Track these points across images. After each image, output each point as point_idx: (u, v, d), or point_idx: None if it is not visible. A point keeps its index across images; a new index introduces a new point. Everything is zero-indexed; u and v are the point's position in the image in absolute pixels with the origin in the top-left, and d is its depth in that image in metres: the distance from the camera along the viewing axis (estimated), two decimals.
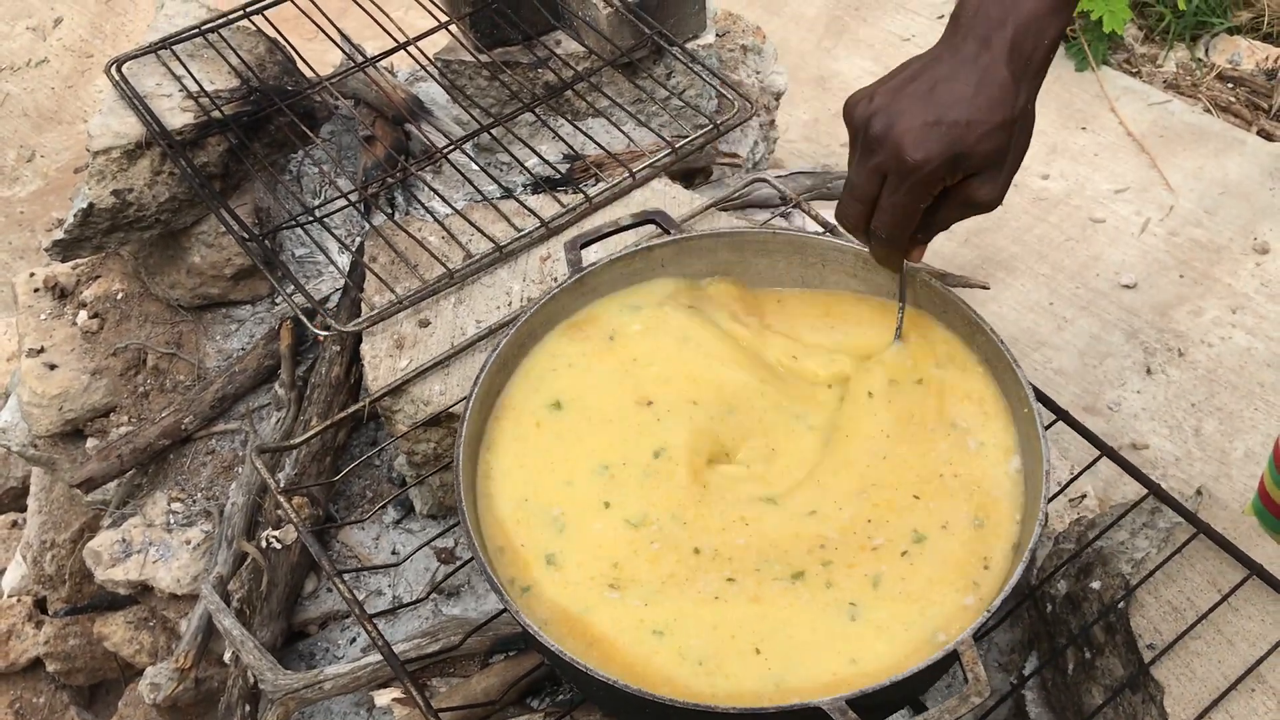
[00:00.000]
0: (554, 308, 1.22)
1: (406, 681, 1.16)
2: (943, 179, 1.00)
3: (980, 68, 0.97)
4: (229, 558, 1.63)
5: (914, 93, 0.99)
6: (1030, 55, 0.98)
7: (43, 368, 1.77)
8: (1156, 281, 2.84)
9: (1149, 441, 2.59)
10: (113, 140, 1.62)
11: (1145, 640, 1.21)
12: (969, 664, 0.96)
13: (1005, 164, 1.01)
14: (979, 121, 0.97)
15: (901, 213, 1.02)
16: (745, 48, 2.19)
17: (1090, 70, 3.28)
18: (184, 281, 1.75)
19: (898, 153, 0.98)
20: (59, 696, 2.20)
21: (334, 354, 1.60)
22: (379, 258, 1.56)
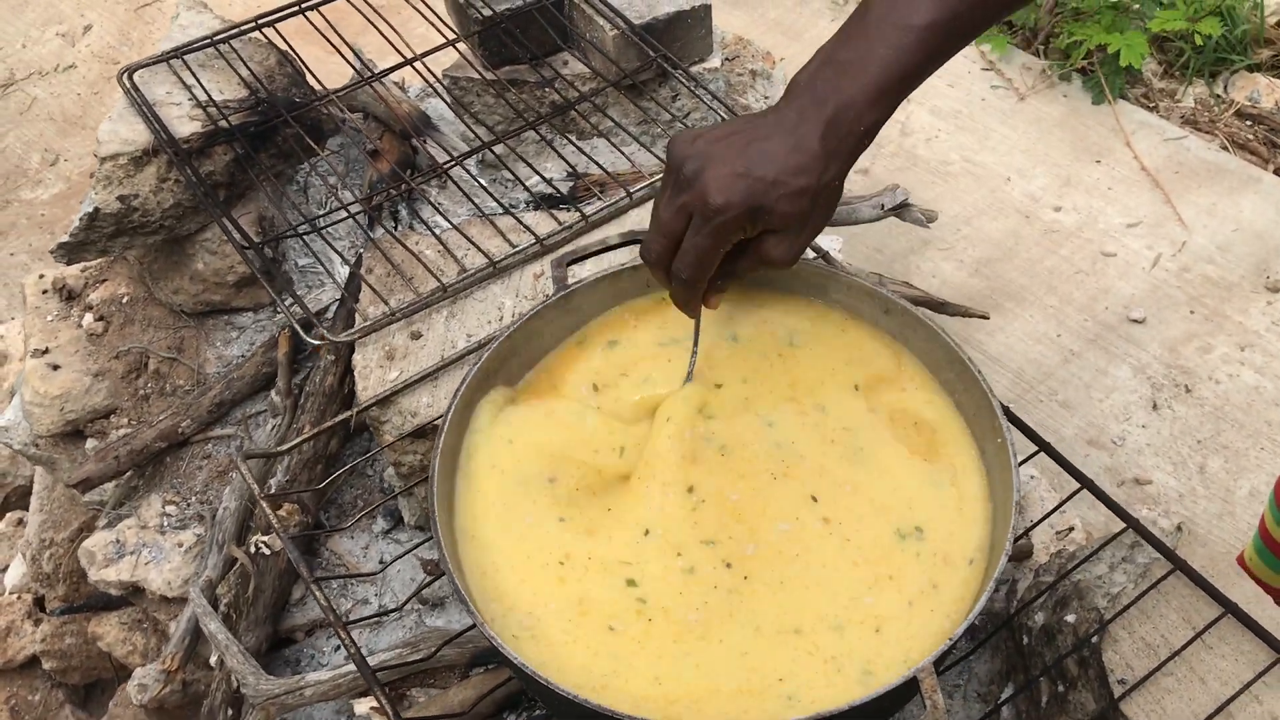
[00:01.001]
0: (538, 324, 1.24)
1: (376, 689, 1.17)
2: (742, 228, 1.05)
3: (796, 135, 1.03)
4: (219, 562, 1.65)
5: (731, 145, 1.05)
6: (844, 136, 1.03)
7: (46, 368, 1.80)
8: (1166, 317, 2.83)
9: (1152, 477, 2.58)
10: (120, 146, 1.65)
11: (1117, 675, 1.20)
12: (928, 691, 0.96)
13: (802, 228, 1.07)
14: (783, 183, 1.03)
15: (701, 254, 1.06)
16: (754, 72, 2.21)
17: (1107, 103, 3.28)
18: (187, 287, 1.78)
19: (704, 195, 1.03)
20: (54, 695, 2.22)
21: (329, 364, 1.62)
22: (375, 270, 1.58)
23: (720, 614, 1.08)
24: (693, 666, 1.05)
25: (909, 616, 1.08)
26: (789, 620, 1.09)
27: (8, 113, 3.37)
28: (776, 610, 1.10)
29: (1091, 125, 3.25)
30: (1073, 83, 3.35)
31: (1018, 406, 2.69)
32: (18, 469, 2.43)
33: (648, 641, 1.06)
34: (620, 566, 1.10)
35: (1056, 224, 3.04)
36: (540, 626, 1.08)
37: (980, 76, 3.41)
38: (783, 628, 1.08)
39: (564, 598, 1.09)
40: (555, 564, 1.11)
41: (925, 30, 1.02)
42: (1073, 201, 3.08)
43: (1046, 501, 1.65)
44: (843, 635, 1.07)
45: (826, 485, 1.16)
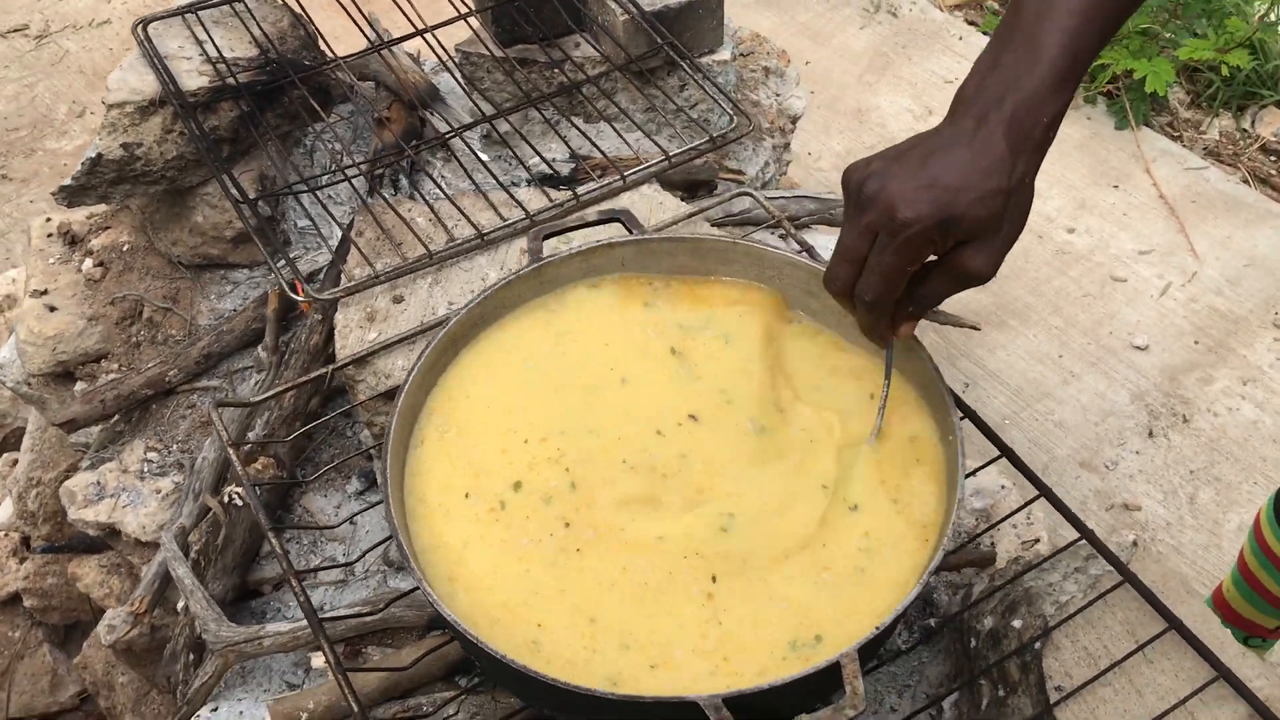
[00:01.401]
0: (508, 294, 1.25)
1: (320, 636, 1.18)
2: (932, 241, 1.00)
3: (978, 140, 0.98)
4: (194, 510, 1.67)
5: (910, 159, 1.01)
6: (1029, 131, 0.99)
7: (43, 309, 1.83)
8: (1170, 345, 2.82)
9: (1141, 503, 2.57)
10: (128, 95, 1.68)
11: (1055, 682, 1.21)
12: (849, 677, 0.97)
13: (999, 234, 1.01)
14: (971, 187, 0.97)
15: (888, 273, 1.02)
16: (768, 69, 2.22)
17: (1130, 129, 3.27)
18: (186, 240, 1.80)
19: (889, 211, 0.99)
20: (34, 633, 2.26)
21: (315, 322, 1.64)
22: (366, 233, 1.60)
23: (661, 575, 1.10)
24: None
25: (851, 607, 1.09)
26: (733, 590, 1.10)
27: (40, 63, 3.42)
28: (723, 573, 1.11)
29: (1112, 150, 3.25)
30: (1097, 106, 3.35)
31: (1012, 423, 2.70)
32: (18, 411, 2.47)
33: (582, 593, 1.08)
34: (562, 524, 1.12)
35: (1068, 245, 3.04)
36: (473, 579, 1.09)
37: None
38: (724, 595, 1.10)
39: (499, 554, 1.11)
40: (497, 524, 1.13)
41: (1087, 10, 0.99)
42: (1086, 224, 3.08)
43: (1020, 512, 1.65)
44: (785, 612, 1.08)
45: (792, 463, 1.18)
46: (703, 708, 0.95)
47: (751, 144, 2.10)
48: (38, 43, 3.49)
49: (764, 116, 2.15)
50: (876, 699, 1.48)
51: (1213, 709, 1.17)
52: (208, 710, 1.53)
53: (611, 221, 1.31)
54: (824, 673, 0.98)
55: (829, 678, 0.98)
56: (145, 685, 1.93)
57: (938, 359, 2.73)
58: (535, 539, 1.11)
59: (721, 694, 0.96)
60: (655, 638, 1.06)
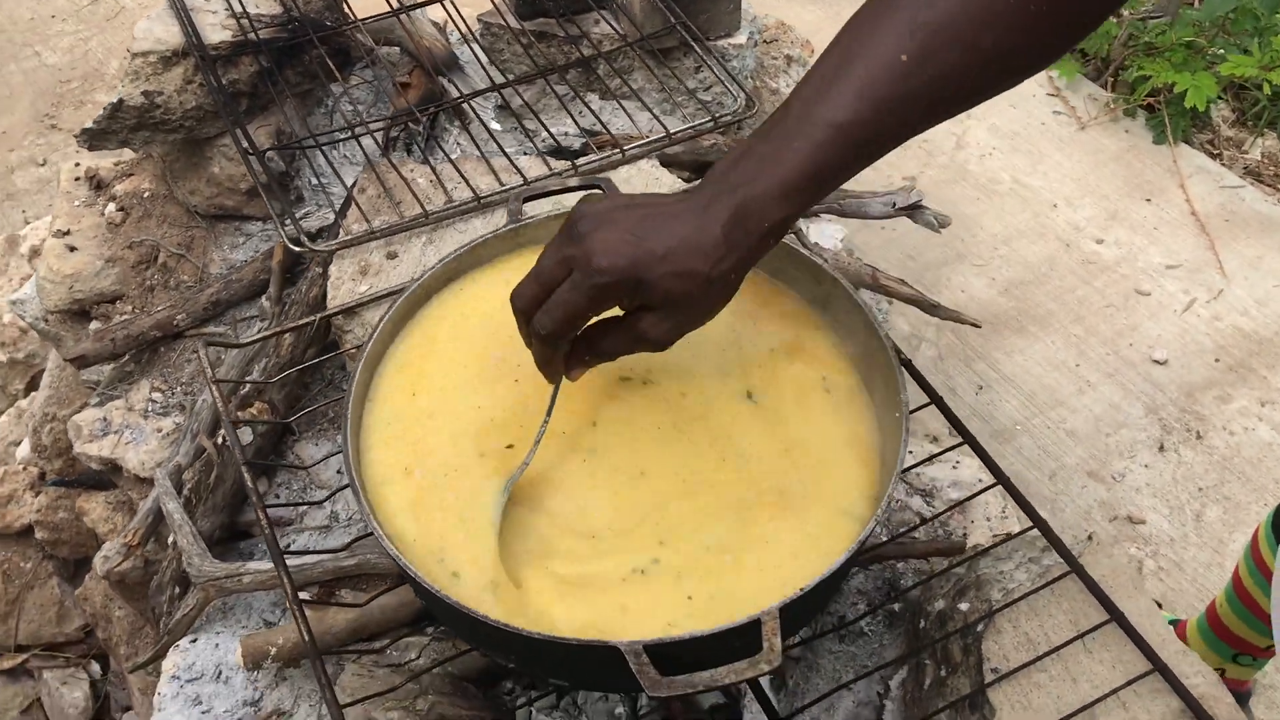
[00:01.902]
0: (484, 251, 1.29)
1: (280, 569, 1.23)
2: (618, 296, 1.01)
3: (700, 219, 0.99)
4: (190, 450, 1.72)
5: (633, 214, 1.01)
6: (749, 229, 0.99)
7: (64, 248, 1.90)
8: (1189, 362, 2.80)
9: (1146, 517, 2.56)
10: (153, 45, 1.73)
11: (991, 664, 1.22)
12: (768, 634, 0.99)
13: (684, 313, 1.02)
14: (672, 260, 0.98)
15: (567, 310, 1.01)
16: (790, 58, 2.24)
17: (1168, 144, 3.24)
18: (203, 189, 1.86)
19: (589, 253, 0.99)
20: (44, 565, 2.33)
21: (316, 275, 1.69)
22: (368, 190, 1.64)
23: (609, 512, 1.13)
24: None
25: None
26: (677, 534, 1.13)
27: (96, 18, 3.52)
28: (669, 520, 1.14)
29: (1148, 163, 3.22)
30: (1137, 119, 3.32)
31: (1023, 429, 2.69)
32: (46, 351, 2.55)
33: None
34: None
35: (1095, 256, 3.02)
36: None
37: (1044, 101, 3.39)
38: (664, 538, 1.13)
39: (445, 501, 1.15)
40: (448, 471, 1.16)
41: (843, 129, 0.96)
42: (1115, 236, 3.06)
43: (990, 505, 1.66)
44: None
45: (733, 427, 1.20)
46: (624, 652, 0.98)
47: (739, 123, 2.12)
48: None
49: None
50: (834, 677, 1.51)
51: (1145, 701, 1.18)
52: (186, 641, 1.58)
53: (593, 189, 1.34)
54: (745, 629, 1.01)
55: (750, 634, 1.01)
56: (140, 619, 2.00)
57: (951, 361, 2.72)
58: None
59: (643, 641, 0.99)
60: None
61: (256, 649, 1.49)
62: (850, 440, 1.21)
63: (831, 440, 1.21)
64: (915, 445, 1.79)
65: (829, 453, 1.18)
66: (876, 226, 2.91)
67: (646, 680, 0.96)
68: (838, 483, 1.17)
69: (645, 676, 0.96)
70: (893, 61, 0.96)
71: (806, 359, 1.26)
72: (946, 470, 1.72)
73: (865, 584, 1.58)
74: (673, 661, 0.99)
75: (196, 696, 1.52)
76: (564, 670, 1.13)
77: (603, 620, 1.07)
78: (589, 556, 1.11)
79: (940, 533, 1.61)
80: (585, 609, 1.07)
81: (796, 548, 1.12)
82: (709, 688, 0.97)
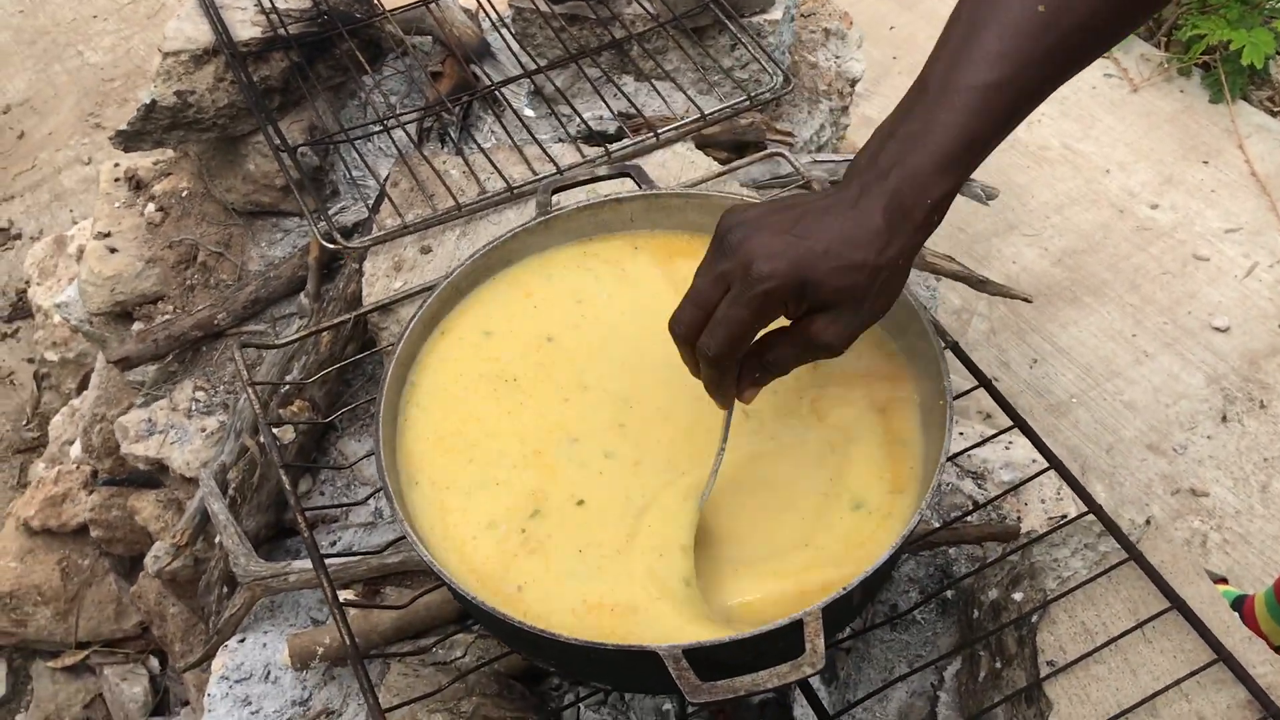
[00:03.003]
0: (514, 245, 1.27)
1: (319, 570, 1.22)
2: (784, 302, 0.96)
3: (856, 210, 0.95)
4: (234, 449, 1.73)
5: (785, 217, 0.96)
6: (910, 210, 0.94)
7: (105, 250, 1.90)
8: (1252, 329, 2.72)
9: (1210, 490, 2.50)
10: (184, 44, 1.73)
11: (1047, 656, 1.19)
12: (810, 635, 0.97)
13: (857, 309, 0.97)
14: (836, 254, 0.93)
15: (733, 327, 0.96)
16: (828, 31, 2.19)
17: (1225, 103, 3.14)
18: (239, 187, 1.86)
19: (747, 262, 0.94)
20: (101, 562, 2.36)
21: (353, 271, 1.68)
22: (401, 184, 1.62)
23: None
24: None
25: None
26: (727, 541, 1.11)
27: (137, 16, 3.54)
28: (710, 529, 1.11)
29: (1205, 124, 3.13)
30: (1192, 78, 3.23)
31: (1079, 401, 2.63)
32: (96, 351, 2.58)
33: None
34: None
35: (1151, 221, 2.94)
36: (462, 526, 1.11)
37: (1095, 64, 3.30)
38: (711, 545, 1.10)
39: (491, 501, 1.13)
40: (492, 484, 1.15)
41: (989, 90, 0.93)
42: (1171, 200, 2.98)
43: (1045, 487, 1.62)
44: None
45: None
46: (662, 658, 0.96)
47: (808, 107, 2.08)
48: None
49: (821, 79, 2.12)
50: (887, 667, 1.48)
51: (1209, 692, 1.14)
52: (235, 640, 1.59)
53: (622, 176, 1.31)
54: (787, 630, 0.98)
55: (792, 636, 0.98)
56: (193, 617, 2.01)
57: (1004, 334, 2.66)
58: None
59: (682, 645, 0.97)
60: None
61: (304, 649, 1.49)
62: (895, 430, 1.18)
63: (875, 430, 1.17)
64: (967, 425, 1.75)
65: (874, 448, 1.15)
66: None
67: (686, 686, 0.94)
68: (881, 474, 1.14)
69: (685, 682, 0.94)
70: (1030, 16, 0.94)
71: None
72: (999, 451, 1.68)
73: (917, 571, 1.55)
74: (713, 666, 0.97)
75: (246, 697, 1.52)
76: (605, 675, 1.11)
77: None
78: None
79: (994, 516, 1.57)
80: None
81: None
82: (750, 693, 0.95)
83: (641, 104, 1.88)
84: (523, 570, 1.08)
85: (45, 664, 2.40)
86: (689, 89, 1.88)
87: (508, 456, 1.16)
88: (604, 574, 1.08)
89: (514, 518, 1.11)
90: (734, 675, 0.96)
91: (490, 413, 1.18)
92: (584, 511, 1.12)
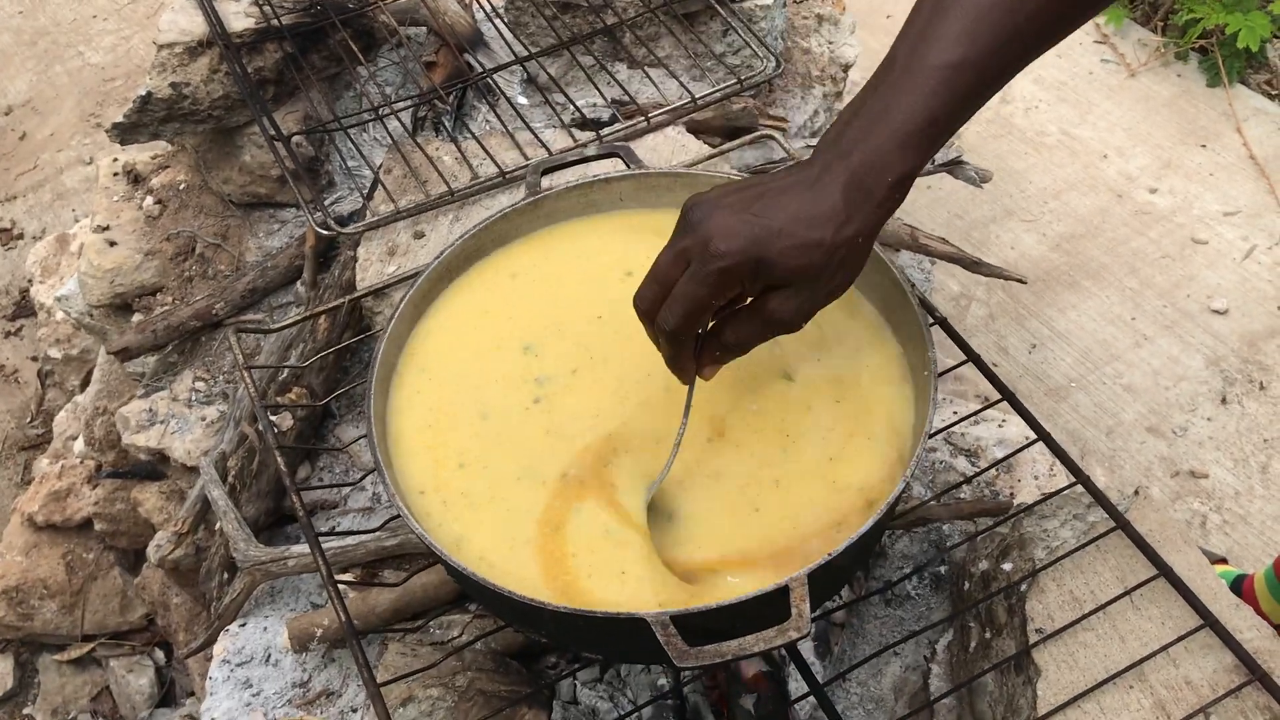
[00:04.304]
0: (504, 226, 1.28)
1: (315, 550, 1.23)
2: (740, 280, 0.97)
3: (816, 188, 0.95)
4: (234, 437, 1.74)
5: (745, 196, 0.98)
6: (870, 188, 0.95)
7: (104, 243, 1.92)
8: (1251, 310, 2.72)
9: (1209, 471, 2.50)
10: (178, 36, 1.74)
11: (1036, 624, 1.20)
12: (796, 600, 0.98)
13: (813, 286, 0.98)
14: (793, 233, 0.94)
15: (689, 303, 0.98)
16: (821, 17, 2.19)
17: (1222, 86, 3.14)
18: (235, 178, 1.87)
19: (704, 240, 0.95)
20: (105, 556, 2.37)
21: (348, 258, 1.69)
22: (394, 171, 1.64)
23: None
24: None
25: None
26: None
27: (136, 16, 3.56)
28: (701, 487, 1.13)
29: (1202, 108, 3.13)
30: (1188, 62, 3.23)
31: (1078, 385, 2.64)
32: (99, 347, 2.59)
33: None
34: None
35: (1149, 206, 2.95)
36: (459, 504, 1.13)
37: (1091, 49, 3.31)
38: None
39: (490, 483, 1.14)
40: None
41: (952, 70, 0.94)
42: (1170, 184, 2.98)
43: (1038, 464, 1.63)
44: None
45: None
46: (650, 624, 0.97)
47: (800, 92, 2.09)
48: None
49: (814, 65, 2.13)
50: (880, 642, 1.49)
51: (1197, 657, 1.15)
52: (236, 625, 1.60)
53: (611, 156, 1.32)
54: (773, 596, 0.99)
55: (779, 601, 0.99)
56: (197, 606, 2.03)
57: (1003, 319, 2.66)
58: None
59: (669, 611, 0.98)
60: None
61: (303, 631, 1.50)
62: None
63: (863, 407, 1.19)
64: (963, 406, 1.76)
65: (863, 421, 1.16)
66: (922, 186, 2.87)
67: (674, 651, 0.95)
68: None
69: (673, 648, 0.95)
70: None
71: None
72: (992, 430, 1.69)
73: (910, 548, 1.56)
74: (701, 632, 0.98)
75: (246, 679, 1.53)
76: (595, 643, 1.12)
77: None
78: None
79: (987, 493, 1.58)
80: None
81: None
82: (737, 657, 0.96)
83: (635, 91, 1.89)
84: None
85: (52, 657, 2.42)
86: (682, 75, 1.89)
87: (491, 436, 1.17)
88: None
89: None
90: (721, 641, 0.97)
91: (473, 386, 1.20)
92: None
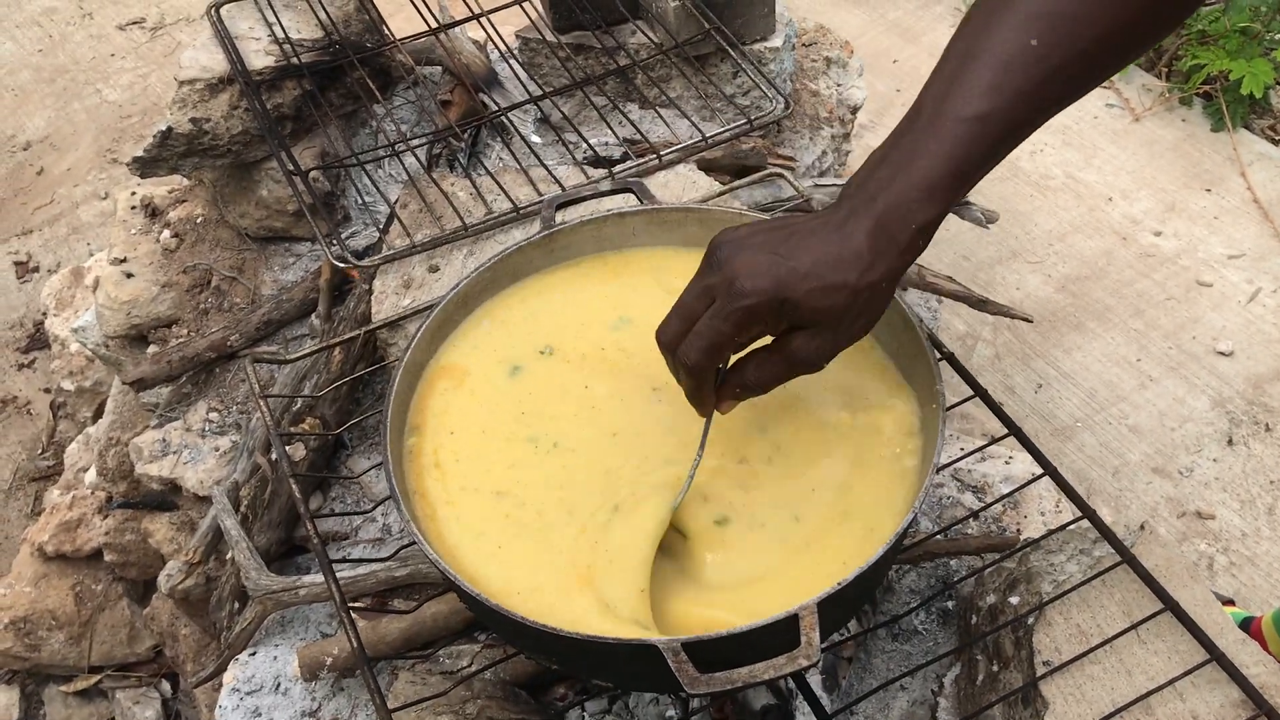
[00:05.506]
0: (518, 259, 1.30)
1: (328, 577, 1.25)
2: (764, 320, 0.99)
3: (842, 232, 0.98)
4: (247, 467, 1.76)
5: (773, 237, 1.00)
6: (895, 235, 0.97)
7: (121, 275, 1.94)
8: (1256, 353, 2.74)
9: (1216, 512, 2.51)
10: (199, 73, 1.78)
11: (1043, 657, 1.21)
12: (805, 628, 0.99)
13: (837, 329, 0.99)
14: (818, 275, 0.96)
15: (712, 338, 0.99)
16: (829, 59, 2.23)
17: (1226, 131, 3.18)
18: (252, 212, 1.90)
19: (730, 278, 0.97)
20: (114, 587, 2.38)
21: (362, 291, 1.72)
22: (410, 206, 1.66)
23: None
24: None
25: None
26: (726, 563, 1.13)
27: (154, 54, 3.61)
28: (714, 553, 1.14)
29: (1207, 152, 3.16)
30: (1193, 107, 3.26)
31: (1084, 425, 2.65)
32: (112, 379, 2.61)
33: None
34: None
35: (1154, 248, 2.97)
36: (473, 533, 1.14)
37: (1096, 94, 3.34)
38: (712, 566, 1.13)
39: (505, 510, 1.16)
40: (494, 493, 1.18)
41: (979, 122, 0.95)
42: (1174, 228, 3.01)
43: (1045, 500, 1.64)
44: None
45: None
46: (661, 650, 0.98)
47: (809, 133, 2.12)
48: (153, 34, 3.68)
49: (823, 106, 2.16)
50: (888, 676, 1.49)
51: (1203, 691, 1.15)
52: (246, 654, 1.61)
53: (624, 192, 1.35)
54: (783, 624, 1.00)
55: (788, 630, 1.00)
56: (205, 637, 2.03)
57: (1009, 359, 2.68)
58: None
59: (681, 638, 0.99)
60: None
61: (313, 659, 1.51)
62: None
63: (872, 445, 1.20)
64: (969, 443, 1.77)
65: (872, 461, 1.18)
66: None
67: (685, 678, 0.96)
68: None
69: (684, 674, 0.96)
70: (1023, 48, 0.96)
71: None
72: (999, 466, 1.70)
73: (918, 583, 1.56)
74: (712, 659, 0.99)
75: (256, 708, 1.54)
76: (606, 671, 1.13)
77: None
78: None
79: (994, 528, 1.59)
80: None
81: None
82: (748, 684, 0.97)
83: (646, 130, 1.92)
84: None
85: (58, 688, 2.42)
86: (692, 115, 1.92)
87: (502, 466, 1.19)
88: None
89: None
90: (731, 669, 0.98)
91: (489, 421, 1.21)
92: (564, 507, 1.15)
